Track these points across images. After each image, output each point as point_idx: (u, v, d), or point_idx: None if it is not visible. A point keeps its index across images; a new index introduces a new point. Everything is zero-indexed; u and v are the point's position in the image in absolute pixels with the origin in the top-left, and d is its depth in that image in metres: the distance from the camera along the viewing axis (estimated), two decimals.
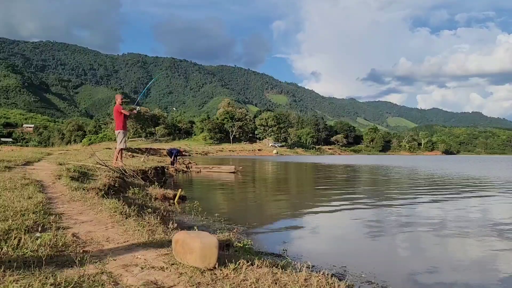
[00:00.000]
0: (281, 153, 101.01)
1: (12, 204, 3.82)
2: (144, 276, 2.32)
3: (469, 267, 4.01)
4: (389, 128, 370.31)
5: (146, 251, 2.86)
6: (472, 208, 8.23)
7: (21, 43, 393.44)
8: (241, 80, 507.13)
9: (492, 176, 18.88)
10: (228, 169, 19.16)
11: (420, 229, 5.86)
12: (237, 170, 19.11)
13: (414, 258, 4.40)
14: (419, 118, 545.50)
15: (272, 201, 9.58)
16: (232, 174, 18.18)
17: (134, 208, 4.50)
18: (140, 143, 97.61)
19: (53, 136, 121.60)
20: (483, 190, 12.08)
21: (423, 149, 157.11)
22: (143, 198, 6.87)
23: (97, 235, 3.24)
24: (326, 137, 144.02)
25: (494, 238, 5.25)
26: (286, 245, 4.63)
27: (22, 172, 7.27)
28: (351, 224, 6.46)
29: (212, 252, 2.48)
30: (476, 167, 29.31)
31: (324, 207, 8.14)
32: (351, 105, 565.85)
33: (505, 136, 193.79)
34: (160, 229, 3.64)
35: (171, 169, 17.48)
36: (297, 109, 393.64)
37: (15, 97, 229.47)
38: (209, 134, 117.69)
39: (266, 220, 6.60)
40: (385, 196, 10.35)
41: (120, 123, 10.23)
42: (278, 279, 2.40)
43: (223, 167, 19.73)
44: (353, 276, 3.50)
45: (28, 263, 2.34)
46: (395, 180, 16.68)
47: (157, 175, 12.25)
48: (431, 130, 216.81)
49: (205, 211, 6.41)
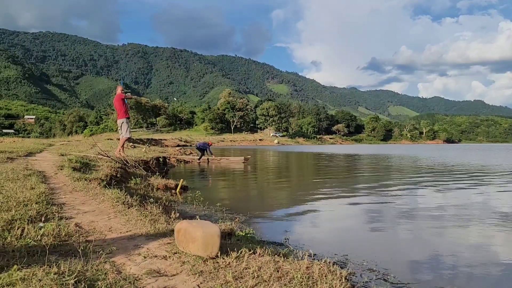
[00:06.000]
0: (282, 143, 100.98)
1: (15, 194, 3.83)
2: (147, 265, 2.34)
3: (470, 255, 4.03)
4: (391, 117, 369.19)
5: (149, 240, 2.88)
6: (474, 196, 8.24)
7: (21, 34, 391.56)
8: (242, 69, 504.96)
9: (494, 164, 18.86)
10: (238, 160, 19.19)
11: (421, 218, 5.88)
12: (246, 161, 19.20)
13: (416, 246, 4.42)
14: (420, 106, 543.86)
15: (274, 190, 9.61)
16: (241, 164, 18.23)
17: (136, 198, 4.51)
18: (141, 133, 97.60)
19: (54, 127, 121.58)
20: (485, 178, 12.08)
21: (424, 138, 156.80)
22: (145, 188, 6.90)
23: (99, 225, 3.26)
24: (327, 126, 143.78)
25: (496, 227, 5.26)
26: (288, 234, 4.65)
27: (24, 163, 7.29)
28: (353, 213, 6.47)
29: (214, 241, 2.50)
30: (478, 156, 29.27)
31: (325, 196, 8.16)
32: (352, 94, 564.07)
33: (507, 124, 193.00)
34: (162, 218, 3.65)
35: (203, 162, 18.25)
36: (298, 98, 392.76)
37: (16, 88, 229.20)
38: (210, 124, 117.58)
39: (267, 209, 6.63)
40: (387, 185, 10.36)
41: (122, 112, 10.16)
42: (280, 267, 2.42)
43: (231, 158, 19.76)
44: (354, 264, 3.52)
45: (32, 252, 2.36)
46: (396, 169, 16.68)
47: (158, 165, 12.28)
48: (433, 119, 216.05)
49: (207, 201, 6.43)
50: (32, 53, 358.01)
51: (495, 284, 3.28)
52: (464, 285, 3.18)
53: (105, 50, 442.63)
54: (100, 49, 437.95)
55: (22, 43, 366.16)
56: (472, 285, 3.22)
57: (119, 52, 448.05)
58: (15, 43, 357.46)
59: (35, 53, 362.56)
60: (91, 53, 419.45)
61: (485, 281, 3.31)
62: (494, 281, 3.32)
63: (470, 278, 3.38)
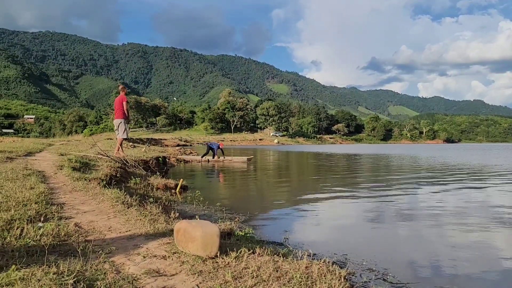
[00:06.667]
0: (282, 143, 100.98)
1: (14, 194, 3.83)
2: (146, 265, 2.34)
3: (470, 255, 4.03)
4: (391, 117, 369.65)
5: (148, 240, 2.88)
6: (474, 196, 8.24)
7: (21, 33, 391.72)
8: (242, 69, 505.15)
9: (494, 164, 18.86)
10: (241, 160, 19.16)
11: (421, 217, 5.88)
12: (250, 161, 19.21)
13: (415, 246, 4.41)
14: (420, 106, 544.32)
15: (274, 190, 9.60)
16: (244, 164, 18.22)
17: (135, 198, 4.51)
18: (141, 133, 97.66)
19: (54, 127, 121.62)
20: (485, 178, 12.09)
21: (424, 137, 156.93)
22: (144, 188, 6.89)
23: (99, 224, 3.26)
24: (327, 126, 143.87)
25: (496, 227, 5.26)
26: (287, 234, 4.65)
27: (23, 162, 7.29)
28: (352, 213, 6.47)
29: (214, 240, 2.50)
30: (478, 155, 29.27)
31: (325, 196, 8.16)
32: (352, 94, 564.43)
33: (507, 124, 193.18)
34: (162, 218, 3.65)
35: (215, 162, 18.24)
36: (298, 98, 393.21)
37: (15, 88, 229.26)
38: (210, 124, 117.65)
39: (267, 209, 6.63)
40: (386, 185, 10.36)
41: (121, 113, 10.20)
42: (279, 267, 2.42)
43: (234, 158, 19.74)
44: (354, 264, 3.52)
45: (31, 252, 2.36)
46: (396, 169, 16.69)
47: (158, 165, 12.27)
48: (433, 119, 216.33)
49: (206, 201, 6.43)
50: (32, 53, 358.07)
51: (495, 284, 3.28)
52: (464, 285, 3.18)
53: (105, 49, 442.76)
54: (100, 49, 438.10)
55: (21, 42, 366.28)
56: (472, 285, 3.22)
57: (119, 52, 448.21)
58: (14, 42, 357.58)
59: (35, 52, 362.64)
60: (91, 52, 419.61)
61: (485, 281, 3.31)
62: (494, 281, 3.32)
63: (470, 278, 3.38)
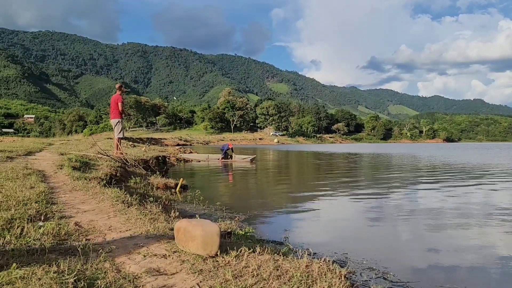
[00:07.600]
0: (282, 142, 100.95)
1: (14, 193, 3.83)
2: (146, 264, 2.34)
3: (470, 254, 4.03)
4: (390, 116, 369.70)
5: (148, 239, 2.88)
6: (474, 195, 8.24)
7: (20, 33, 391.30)
8: (242, 69, 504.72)
9: (494, 163, 18.87)
10: (244, 160, 19.18)
11: (421, 216, 5.88)
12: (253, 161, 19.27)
13: (415, 245, 4.42)
14: (420, 105, 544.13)
15: (274, 189, 9.61)
16: (247, 163, 18.25)
17: (136, 197, 4.51)
18: (141, 133, 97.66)
19: (54, 126, 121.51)
20: (485, 177, 12.09)
21: (424, 137, 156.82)
22: (144, 187, 6.89)
23: (99, 224, 3.26)
24: (327, 125, 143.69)
25: (496, 225, 5.27)
26: (288, 233, 4.65)
27: (24, 162, 7.28)
28: (352, 212, 6.48)
29: (214, 239, 2.49)
30: (478, 155, 29.27)
31: (325, 195, 8.16)
32: (352, 93, 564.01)
33: (507, 123, 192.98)
34: (162, 217, 3.65)
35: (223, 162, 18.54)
36: (298, 97, 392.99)
37: (15, 88, 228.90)
38: (210, 123, 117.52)
39: (267, 208, 6.63)
40: (386, 184, 10.37)
41: (117, 113, 10.21)
42: (279, 265, 2.42)
43: (237, 157, 19.75)
44: (354, 263, 3.52)
45: (31, 251, 2.36)
46: (396, 168, 16.69)
47: (158, 164, 12.27)
48: (433, 118, 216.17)
49: (206, 200, 6.44)
50: (32, 53, 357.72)
51: (495, 283, 3.29)
52: (464, 284, 3.18)
53: (105, 49, 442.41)
54: (99, 48, 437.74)
55: (21, 42, 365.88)
56: (472, 284, 3.22)
57: (118, 51, 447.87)
58: (14, 42, 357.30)
59: (35, 52, 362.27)
60: (91, 52, 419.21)
61: (485, 280, 3.32)
62: (494, 280, 3.32)
63: (470, 277, 3.38)
